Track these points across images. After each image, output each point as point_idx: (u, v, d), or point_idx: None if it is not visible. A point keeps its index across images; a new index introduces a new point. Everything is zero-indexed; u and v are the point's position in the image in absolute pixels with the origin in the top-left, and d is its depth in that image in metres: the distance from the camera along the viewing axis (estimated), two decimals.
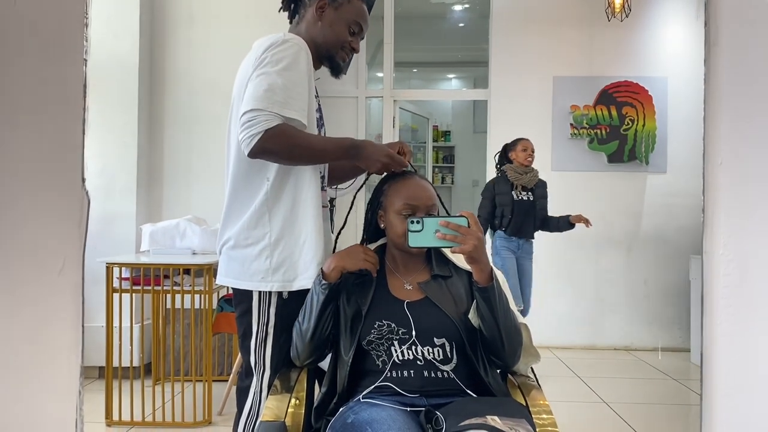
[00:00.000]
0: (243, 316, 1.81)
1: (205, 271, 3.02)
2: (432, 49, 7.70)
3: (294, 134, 1.66)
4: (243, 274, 1.76)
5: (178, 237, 3.29)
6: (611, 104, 4.97)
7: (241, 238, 1.76)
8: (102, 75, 3.89)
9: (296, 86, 1.68)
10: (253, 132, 1.62)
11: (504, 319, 1.53)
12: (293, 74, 1.67)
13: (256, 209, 1.74)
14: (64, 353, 0.71)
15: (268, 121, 1.62)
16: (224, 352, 3.90)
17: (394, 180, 1.70)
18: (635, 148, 4.96)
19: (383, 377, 1.53)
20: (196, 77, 4.12)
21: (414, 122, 8.32)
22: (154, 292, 3.10)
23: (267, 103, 1.62)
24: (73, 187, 0.71)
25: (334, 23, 1.84)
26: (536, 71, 5.03)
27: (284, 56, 1.67)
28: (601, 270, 5.01)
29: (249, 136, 1.62)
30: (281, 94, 1.64)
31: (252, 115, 1.63)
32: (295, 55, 1.69)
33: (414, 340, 1.54)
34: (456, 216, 1.49)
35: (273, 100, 1.63)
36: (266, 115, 1.62)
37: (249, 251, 1.75)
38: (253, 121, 1.63)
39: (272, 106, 1.62)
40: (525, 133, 5.01)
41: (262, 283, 1.74)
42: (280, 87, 1.64)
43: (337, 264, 1.59)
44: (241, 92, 1.73)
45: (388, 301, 1.61)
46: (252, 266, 1.75)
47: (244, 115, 1.64)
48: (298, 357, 1.67)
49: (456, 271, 1.68)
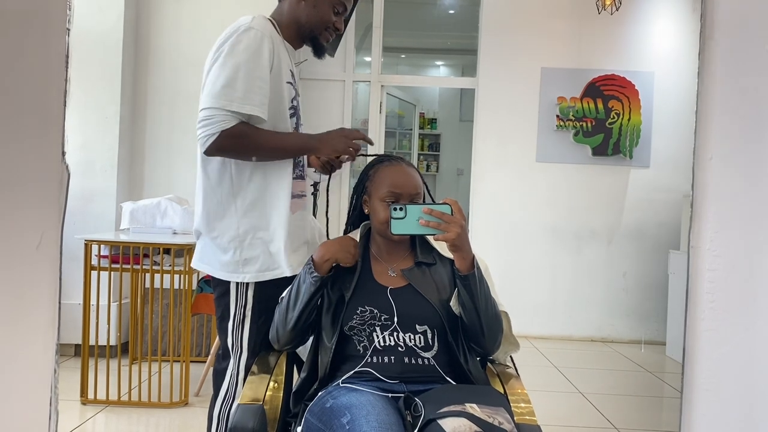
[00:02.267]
0: (221, 298, 1.81)
1: (186, 251, 2.99)
2: (421, 35, 7.66)
3: (250, 134, 1.66)
4: (216, 263, 1.76)
5: (159, 216, 3.26)
6: (598, 97, 4.98)
7: (209, 229, 1.76)
8: (85, 48, 3.81)
9: (257, 79, 1.65)
10: (209, 132, 1.61)
11: (485, 307, 1.53)
12: (254, 66, 1.65)
13: (221, 201, 1.74)
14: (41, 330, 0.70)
15: (224, 122, 1.61)
16: (203, 333, 3.88)
17: (381, 164, 1.69)
18: (620, 141, 4.98)
19: (364, 362, 1.53)
20: (181, 54, 4.06)
21: (401, 108, 8.30)
22: (132, 271, 3.07)
23: (225, 101, 1.61)
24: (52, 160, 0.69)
25: (318, 3, 1.81)
26: (524, 61, 5.02)
27: (246, 46, 1.64)
28: (581, 262, 5.05)
29: (204, 136, 1.62)
30: (240, 89, 1.62)
31: (209, 113, 1.62)
32: (258, 44, 1.66)
33: (396, 326, 1.54)
34: (439, 203, 1.48)
35: (231, 96, 1.61)
36: (223, 115, 1.61)
37: (218, 242, 1.75)
38: (209, 120, 1.61)
39: (230, 104, 1.61)
40: (511, 123, 5.03)
41: (234, 275, 1.74)
42: (240, 80, 1.62)
43: (330, 256, 1.57)
44: (205, 73, 1.70)
45: (371, 287, 1.61)
46: (223, 257, 1.75)
47: (202, 112, 1.63)
48: (277, 341, 1.66)
49: (440, 258, 1.68)
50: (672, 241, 4.90)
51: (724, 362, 0.68)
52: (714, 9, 0.72)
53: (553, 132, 5.01)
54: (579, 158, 5.02)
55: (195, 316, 3.67)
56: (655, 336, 4.98)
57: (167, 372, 3.15)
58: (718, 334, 0.69)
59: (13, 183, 0.67)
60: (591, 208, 5.04)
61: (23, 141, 0.66)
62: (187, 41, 4.06)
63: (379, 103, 5.25)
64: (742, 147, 0.72)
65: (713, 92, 0.71)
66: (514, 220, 5.03)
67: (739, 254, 0.71)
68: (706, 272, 0.70)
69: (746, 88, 0.71)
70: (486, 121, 5.07)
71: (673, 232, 4.93)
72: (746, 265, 0.71)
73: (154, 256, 3.04)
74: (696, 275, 0.71)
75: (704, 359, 0.68)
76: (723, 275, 0.70)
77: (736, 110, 0.71)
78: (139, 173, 4.11)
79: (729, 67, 0.72)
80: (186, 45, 4.06)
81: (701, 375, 0.69)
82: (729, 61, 0.72)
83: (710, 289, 0.70)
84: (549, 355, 4.45)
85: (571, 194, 5.03)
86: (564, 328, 5.04)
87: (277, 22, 1.79)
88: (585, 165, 5.02)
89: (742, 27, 0.72)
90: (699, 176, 0.72)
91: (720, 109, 0.72)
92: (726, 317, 0.69)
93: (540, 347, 4.67)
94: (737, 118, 0.71)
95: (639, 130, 4.99)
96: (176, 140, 4.07)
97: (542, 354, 4.49)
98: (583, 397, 3.54)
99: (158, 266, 3.02)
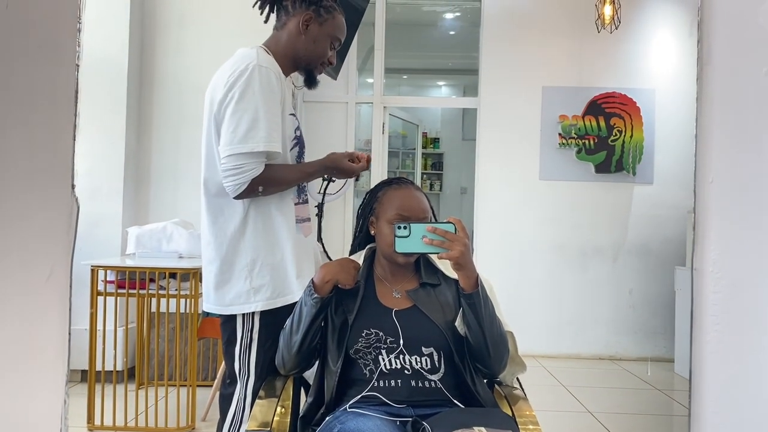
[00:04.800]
0: (227, 323, 1.81)
1: (191, 275, 3.00)
2: (422, 56, 7.72)
3: (274, 176, 1.72)
4: (224, 300, 1.77)
5: (165, 240, 3.27)
6: (599, 115, 5.00)
7: (218, 265, 1.78)
8: (91, 75, 3.85)
9: (274, 116, 1.70)
10: (240, 181, 1.66)
11: (490, 327, 1.53)
12: (271, 105, 1.69)
13: (231, 238, 1.76)
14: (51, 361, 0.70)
15: (254, 170, 1.66)
16: (209, 357, 3.87)
17: (390, 187, 1.70)
18: (623, 158, 4.99)
19: (370, 387, 1.53)
20: (185, 79, 4.10)
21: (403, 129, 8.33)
22: (139, 296, 3.07)
23: (252, 143, 1.65)
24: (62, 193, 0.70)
25: (318, 39, 1.84)
26: (526, 81, 5.05)
27: (260, 86, 1.68)
28: (587, 279, 5.03)
29: (236, 185, 1.67)
30: (263, 128, 1.66)
31: (238, 162, 1.65)
32: (269, 82, 1.70)
33: (402, 349, 1.54)
34: (443, 222, 1.49)
35: (257, 138, 1.65)
36: (253, 164, 1.66)
37: (227, 276, 1.76)
38: (239, 169, 1.66)
39: (257, 146, 1.65)
40: (514, 141, 5.04)
41: (244, 306, 1.75)
42: (261, 120, 1.66)
43: (331, 277, 1.57)
44: (215, 111, 1.72)
45: (376, 310, 1.61)
46: (232, 291, 1.76)
47: (228, 160, 1.66)
48: (283, 366, 1.66)
49: (444, 279, 1.68)
50: (678, 257, 4.89)
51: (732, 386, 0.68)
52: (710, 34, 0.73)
53: (556, 150, 5.02)
54: (582, 176, 5.03)
55: (201, 340, 3.66)
56: (663, 353, 4.95)
57: (174, 397, 3.14)
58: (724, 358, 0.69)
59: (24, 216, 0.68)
60: (595, 225, 5.03)
61: (34, 175, 0.67)
62: (191, 66, 4.10)
63: (382, 123, 5.28)
64: (743, 170, 0.73)
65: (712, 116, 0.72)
66: (518, 239, 5.03)
67: (744, 276, 0.71)
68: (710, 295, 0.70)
69: (745, 112, 0.72)
70: (488, 140, 5.09)
71: (678, 248, 4.92)
72: (751, 287, 0.71)
73: (160, 280, 3.04)
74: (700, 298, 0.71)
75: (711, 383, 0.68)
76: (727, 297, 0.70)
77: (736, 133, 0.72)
78: (145, 198, 4.13)
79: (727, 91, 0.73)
80: (189, 70, 4.10)
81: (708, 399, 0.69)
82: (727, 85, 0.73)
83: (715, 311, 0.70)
84: (557, 374, 4.42)
85: (575, 212, 5.02)
86: (571, 347, 5.01)
87: (272, 52, 1.81)
88: (588, 182, 5.03)
89: (740, 51, 0.73)
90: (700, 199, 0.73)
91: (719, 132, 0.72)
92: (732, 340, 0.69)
93: (547, 366, 4.64)
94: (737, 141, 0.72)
95: (641, 146, 5.00)
96: (181, 164, 4.10)
97: (550, 373, 4.46)
98: (592, 416, 3.51)
99: (164, 290, 3.02)
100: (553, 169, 5.04)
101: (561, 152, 5.03)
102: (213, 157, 1.74)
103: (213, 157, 1.74)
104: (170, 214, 3.85)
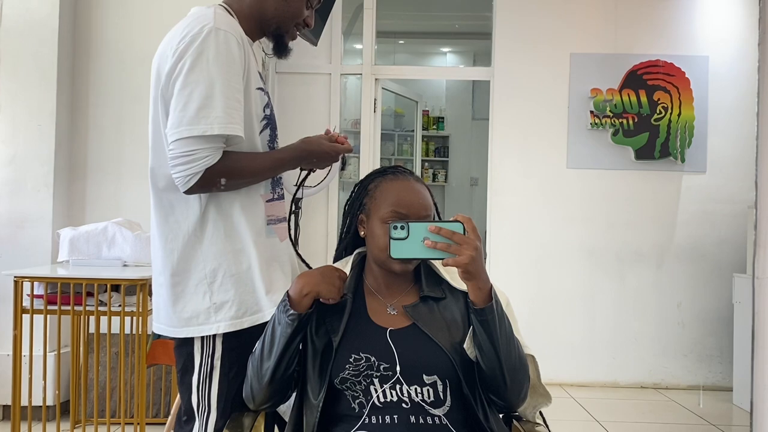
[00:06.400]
0: (182, 347, 1.80)
1: (139, 288, 2.99)
2: (423, 16, 7.71)
3: (237, 166, 1.70)
4: (177, 320, 1.76)
5: (106, 244, 3.26)
6: (640, 88, 5.02)
7: (168, 275, 1.76)
8: (13, 43, 3.84)
9: (235, 92, 1.67)
10: (191, 171, 1.63)
11: (506, 349, 1.53)
12: (229, 77, 1.66)
13: (186, 236, 1.75)
14: None
15: (209, 157, 1.64)
16: (161, 389, 3.86)
17: (384, 178, 1.70)
18: (669, 142, 5.01)
19: (360, 424, 1.53)
20: (129, 48, 4.08)
21: (399, 106, 8.34)
22: (74, 313, 3.06)
23: (204, 125, 1.62)
24: None
25: None
26: (550, 47, 5.06)
27: (216, 54, 1.65)
28: (626, 291, 5.05)
29: (186, 175, 1.64)
30: (219, 107, 1.64)
31: (187, 148, 1.63)
32: (228, 49, 1.67)
33: (398, 377, 1.54)
34: (449, 221, 1.48)
35: (210, 118, 1.63)
36: (206, 151, 1.64)
37: (181, 290, 1.75)
38: (189, 156, 1.63)
39: (211, 128, 1.62)
40: (535, 121, 5.05)
41: (203, 327, 1.74)
42: (217, 97, 1.64)
43: (311, 289, 1.56)
44: (162, 85, 1.70)
45: (366, 329, 1.61)
46: (188, 308, 1.74)
47: (176, 145, 1.64)
48: (252, 400, 1.65)
49: (450, 291, 1.68)
50: (737, 262, 4.91)
51: None
52: None
53: (587, 131, 5.03)
54: (619, 163, 5.04)
55: (151, 368, 3.66)
56: (720, 380, 4.97)
57: None
58: None
59: None
60: (635, 223, 5.05)
61: None
62: (136, 32, 4.09)
63: (373, 99, 5.28)
64: None
65: None
66: (541, 241, 5.04)
67: None
68: None
69: None
70: (504, 120, 5.10)
71: (737, 252, 4.94)
72: None
73: (100, 294, 3.03)
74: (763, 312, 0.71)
75: None
76: None
77: None
78: (81, 192, 4.12)
79: None
80: (135, 36, 4.08)
81: None
82: None
83: None
84: (589, 407, 4.44)
85: (610, 207, 5.04)
86: (607, 373, 5.03)
87: (234, 12, 1.80)
88: (627, 171, 5.04)
89: None
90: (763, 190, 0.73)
91: None
92: None
93: (577, 397, 4.66)
94: None
95: (692, 127, 5.02)
96: (125, 151, 4.08)
97: (580, 405, 4.48)
98: None
99: (105, 307, 3.01)
100: (584, 156, 5.05)
101: (593, 134, 5.04)
102: (161, 142, 1.73)
103: (161, 143, 1.73)
104: (112, 212, 3.84)
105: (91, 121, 4.13)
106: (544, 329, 4.84)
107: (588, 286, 5.05)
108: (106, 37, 4.14)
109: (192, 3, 1.86)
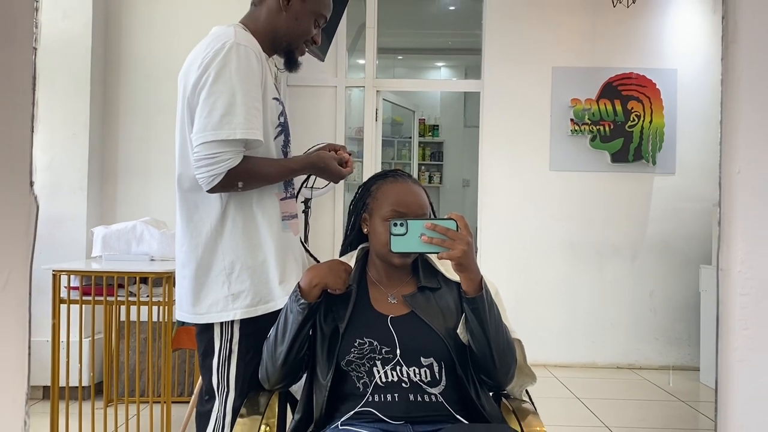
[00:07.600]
0: (204, 332, 1.81)
1: (165, 280, 3.00)
2: (419, 34, 7.71)
3: (255, 169, 1.71)
4: (199, 308, 1.77)
5: (135, 241, 3.26)
6: (616, 98, 5.01)
7: (192, 268, 1.77)
8: (50, 58, 3.83)
9: (254, 100, 1.69)
10: (215, 172, 1.65)
11: (495, 334, 1.53)
12: (249, 87, 1.68)
13: (208, 238, 1.75)
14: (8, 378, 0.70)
15: (231, 160, 1.65)
16: (185, 371, 3.87)
17: (385, 180, 1.70)
18: (641, 146, 5.00)
19: (364, 401, 1.53)
20: (156, 62, 4.09)
21: (398, 115, 8.34)
22: (106, 303, 3.06)
23: (228, 130, 1.63)
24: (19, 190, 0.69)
25: (301, 16, 1.84)
26: (534, 61, 5.05)
27: (238, 67, 1.67)
28: (603, 281, 5.05)
29: (210, 176, 1.66)
30: (240, 114, 1.65)
31: (212, 150, 1.64)
32: (248, 62, 1.69)
33: (398, 359, 1.54)
34: (444, 218, 1.49)
35: (233, 124, 1.64)
36: (229, 154, 1.65)
37: (203, 281, 1.76)
38: (214, 158, 1.64)
39: (233, 133, 1.64)
40: (521, 128, 5.05)
41: (222, 314, 1.74)
42: (238, 105, 1.65)
43: (319, 281, 1.57)
44: (188, 96, 1.71)
45: (369, 317, 1.61)
46: (209, 297, 1.75)
47: (201, 148, 1.65)
48: (267, 380, 1.66)
49: (445, 282, 1.68)
50: (703, 255, 4.91)
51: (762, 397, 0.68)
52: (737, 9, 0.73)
53: (568, 137, 5.03)
54: (597, 165, 5.04)
55: (176, 352, 3.66)
56: (688, 361, 4.97)
57: (146, 414, 3.14)
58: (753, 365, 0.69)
59: None
60: (612, 220, 5.05)
61: None
62: (162, 47, 4.08)
63: (375, 109, 5.28)
64: None
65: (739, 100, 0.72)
66: (526, 236, 5.04)
67: None
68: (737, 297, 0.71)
69: None
70: (493, 127, 5.10)
71: (703, 245, 4.93)
72: None
73: (130, 286, 3.03)
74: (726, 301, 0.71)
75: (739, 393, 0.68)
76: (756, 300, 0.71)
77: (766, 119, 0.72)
78: (112, 194, 4.12)
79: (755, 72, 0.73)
80: (161, 52, 4.08)
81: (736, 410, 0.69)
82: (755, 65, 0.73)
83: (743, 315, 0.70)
84: (570, 385, 4.44)
85: (589, 205, 5.04)
86: (586, 355, 5.03)
87: (251, 30, 1.80)
88: (604, 173, 5.04)
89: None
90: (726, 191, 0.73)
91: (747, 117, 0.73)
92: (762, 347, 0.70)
93: (560, 376, 4.66)
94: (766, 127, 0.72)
95: (662, 133, 5.02)
96: (153, 157, 4.08)
97: (563, 384, 4.48)
98: (610, 431, 3.53)
99: (134, 297, 3.01)
100: (565, 159, 5.05)
101: (573, 140, 5.04)
102: (187, 148, 1.74)
103: (187, 149, 1.73)
104: (140, 212, 3.83)
105: (121, 129, 4.13)
106: (529, 316, 4.83)
107: (569, 277, 5.04)
108: (134, 54, 4.14)
109: (211, 23, 1.86)
